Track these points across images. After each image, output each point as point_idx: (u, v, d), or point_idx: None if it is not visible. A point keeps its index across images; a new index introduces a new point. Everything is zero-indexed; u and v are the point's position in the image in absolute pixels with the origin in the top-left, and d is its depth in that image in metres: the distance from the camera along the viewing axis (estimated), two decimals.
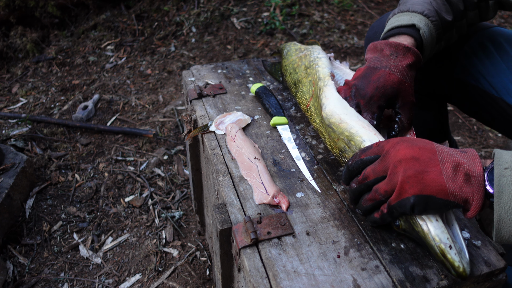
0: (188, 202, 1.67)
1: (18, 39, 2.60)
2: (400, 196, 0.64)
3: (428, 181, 0.63)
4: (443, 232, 0.64)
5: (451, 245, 0.63)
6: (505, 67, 0.99)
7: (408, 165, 0.64)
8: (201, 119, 1.05)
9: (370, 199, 0.70)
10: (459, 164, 0.63)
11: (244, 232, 0.73)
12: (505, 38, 1.02)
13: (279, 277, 0.66)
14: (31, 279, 1.39)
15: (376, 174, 0.68)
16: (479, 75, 1.03)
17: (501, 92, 0.99)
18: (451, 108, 2.25)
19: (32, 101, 2.26)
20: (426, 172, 0.63)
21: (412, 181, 0.63)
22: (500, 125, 1.06)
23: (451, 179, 0.62)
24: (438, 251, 0.63)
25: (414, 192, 0.63)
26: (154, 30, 2.78)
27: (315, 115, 0.97)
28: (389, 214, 0.68)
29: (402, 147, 0.67)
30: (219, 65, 1.28)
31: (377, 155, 0.70)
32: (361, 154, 0.73)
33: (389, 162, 0.67)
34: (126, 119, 2.12)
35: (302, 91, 1.03)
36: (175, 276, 1.39)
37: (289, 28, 2.75)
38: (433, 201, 0.63)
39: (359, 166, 0.72)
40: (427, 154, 0.65)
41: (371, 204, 0.70)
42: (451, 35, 1.00)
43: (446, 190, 0.62)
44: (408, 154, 0.65)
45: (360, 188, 0.71)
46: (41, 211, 1.62)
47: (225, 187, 0.84)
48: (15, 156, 1.65)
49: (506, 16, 3.02)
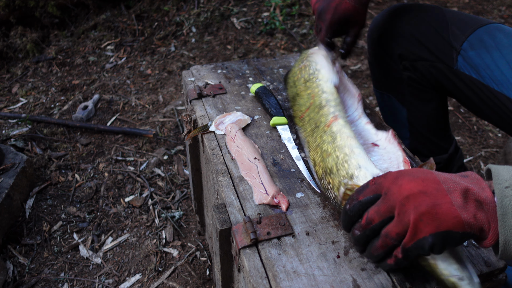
0: (188, 202, 1.67)
1: (18, 39, 2.60)
2: (416, 236, 0.58)
3: (442, 215, 0.57)
4: (451, 264, 0.61)
5: (461, 276, 0.60)
6: (505, 61, 0.99)
7: (418, 201, 0.59)
8: (201, 119, 1.05)
9: (382, 246, 0.63)
10: (467, 191, 0.59)
11: (243, 232, 0.73)
12: (504, 33, 1.02)
13: (278, 277, 0.66)
14: (31, 279, 1.39)
15: (381, 216, 0.62)
16: (480, 69, 1.03)
17: (502, 86, 0.99)
18: (451, 108, 2.25)
19: (32, 101, 2.26)
20: (438, 206, 0.58)
21: (427, 219, 0.57)
22: (501, 121, 1.07)
23: (463, 209, 0.57)
24: (450, 285, 0.61)
25: (430, 230, 0.57)
26: (154, 30, 2.78)
27: (307, 124, 0.93)
28: (404, 258, 0.61)
29: (404, 182, 0.61)
30: (219, 65, 1.28)
31: (377, 194, 0.64)
32: (358, 196, 0.66)
33: (394, 200, 0.60)
34: (126, 119, 2.12)
35: (299, 103, 0.99)
36: (175, 276, 1.39)
37: (289, 28, 2.75)
38: (451, 236, 0.57)
39: (359, 209, 0.65)
40: (433, 185, 0.60)
41: (383, 251, 0.63)
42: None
43: (462, 222, 0.57)
44: (414, 189, 0.60)
45: (365, 234, 0.64)
46: (41, 211, 1.62)
47: (225, 187, 0.84)
48: (15, 156, 1.65)
49: (506, 16, 3.02)
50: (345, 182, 0.74)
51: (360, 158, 0.76)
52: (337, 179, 0.75)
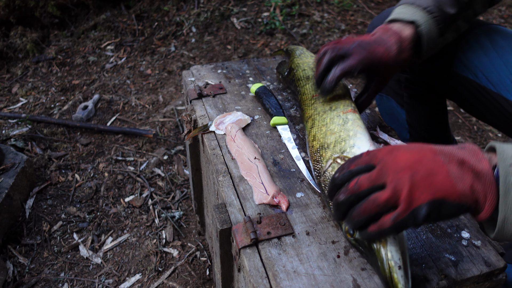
0: (188, 202, 1.67)
1: (18, 39, 2.60)
2: (411, 206, 0.57)
3: (439, 183, 0.57)
4: (397, 251, 0.61)
5: (400, 265, 0.61)
6: (502, 62, 0.99)
7: (413, 170, 0.58)
8: (201, 119, 1.05)
9: (365, 211, 0.59)
10: (463, 162, 0.59)
11: (244, 232, 0.73)
12: (501, 35, 1.03)
13: (279, 277, 0.66)
14: (31, 279, 1.39)
15: (372, 183, 0.60)
16: (477, 70, 1.03)
17: (499, 87, 0.99)
18: (451, 108, 2.25)
19: (32, 101, 2.26)
20: (434, 175, 0.57)
21: (423, 187, 0.57)
22: (498, 122, 1.07)
23: (460, 179, 0.57)
24: (386, 268, 0.61)
25: (427, 198, 0.56)
26: (154, 30, 2.78)
27: (320, 104, 0.94)
28: (393, 229, 0.58)
29: (400, 153, 0.61)
30: (219, 65, 1.28)
31: (369, 164, 0.62)
32: (350, 165, 0.64)
33: (387, 169, 0.59)
34: (126, 119, 2.12)
35: (314, 83, 1.01)
36: (175, 276, 1.39)
37: (289, 28, 2.75)
38: (446, 205, 0.57)
39: (348, 178, 0.63)
40: (429, 156, 0.60)
41: (365, 217, 0.60)
42: (457, 26, 1.01)
43: (458, 192, 0.56)
44: (410, 159, 0.59)
45: (350, 199, 0.61)
46: (41, 211, 1.62)
47: (225, 187, 0.84)
48: (15, 156, 1.65)
49: (506, 16, 3.02)
50: (336, 156, 0.77)
51: (359, 141, 0.78)
52: (330, 152, 0.78)
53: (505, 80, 0.98)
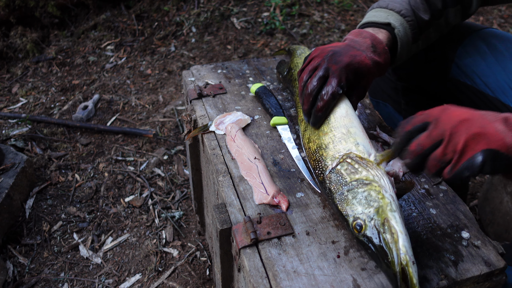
0: (188, 202, 1.67)
1: (18, 39, 2.60)
2: (467, 154, 0.61)
3: (491, 135, 0.61)
4: (410, 248, 0.62)
5: (414, 261, 0.61)
6: (500, 67, 0.99)
7: (468, 123, 0.62)
8: (201, 119, 1.05)
9: (430, 171, 0.65)
10: (507, 120, 0.63)
11: (244, 232, 0.73)
12: (498, 39, 1.02)
13: (279, 277, 0.66)
14: (31, 279, 1.39)
15: (433, 140, 0.64)
16: (474, 76, 1.03)
17: (496, 92, 0.99)
18: None
19: (32, 101, 2.26)
20: (486, 127, 0.62)
21: (478, 137, 0.61)
22: None
23: (507, 134, 0.61)
24: (398, 263, 0.61)
25: (482, 147, 0.60)
26: (154, 30, 2.78)
27: None
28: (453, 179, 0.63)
29: (453, 110, 0.65)
30: (219, 65, 1.28)
31: (426, 122, 0.67)
32: (406, 126, 0.68)
33: (446, 124, 0.64)
34: (126, 119, 2.12)
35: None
36: (175, 276, 1.39)
37: (289, 28, 2.75)
38: (499, 156, 0.60)
39: (407, 139, 0.68)
40: (477, 114, 0.64)
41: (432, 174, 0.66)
42: (428, 34, 1.01)
43: (507, 145, 0.60)
44: (464, 115, 0.64)
45: (417, 161, 0.66)
46: (41, 211, 1.62)
47: (225, 187, 0.84)
48: (15, 156, 1.65)
49: (506, 16, 3.02)
50: (345, 156, 0.77)
51: (357, 136, 0.79)
52: (331, 152, 0.79)
53: (503, 85, 0.98)
